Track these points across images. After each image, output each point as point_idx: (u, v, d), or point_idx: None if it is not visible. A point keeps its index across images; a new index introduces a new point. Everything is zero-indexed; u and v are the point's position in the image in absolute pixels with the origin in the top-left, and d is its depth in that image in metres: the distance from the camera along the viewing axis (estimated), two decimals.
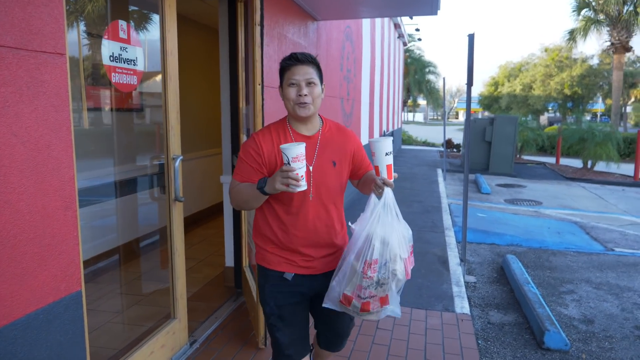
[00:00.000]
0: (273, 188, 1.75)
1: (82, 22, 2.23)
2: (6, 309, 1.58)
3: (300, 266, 2.03)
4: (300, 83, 1.90)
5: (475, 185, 10.86)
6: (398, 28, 17.72)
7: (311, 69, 1.93)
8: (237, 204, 1.99)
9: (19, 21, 1.54)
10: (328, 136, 2.03)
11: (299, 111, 1.92)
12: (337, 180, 2.02)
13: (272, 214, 2.02)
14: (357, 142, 2.13)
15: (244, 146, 2.00)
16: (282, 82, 1.98)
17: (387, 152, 1.81)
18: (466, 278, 4.73)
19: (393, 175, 1.85)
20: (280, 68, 1.97)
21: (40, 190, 1.67)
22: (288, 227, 1.99)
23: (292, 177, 1.68)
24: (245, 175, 1.95)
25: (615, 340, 3.56)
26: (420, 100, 38.54)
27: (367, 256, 1.81)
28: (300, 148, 1.69)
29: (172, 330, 2.91)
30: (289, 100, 1.93)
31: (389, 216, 1.85)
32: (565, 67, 28.33)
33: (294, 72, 1.91)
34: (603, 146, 13.02)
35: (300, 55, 1.93)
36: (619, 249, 6.06)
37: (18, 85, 1.55)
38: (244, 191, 1.92)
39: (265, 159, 1.94)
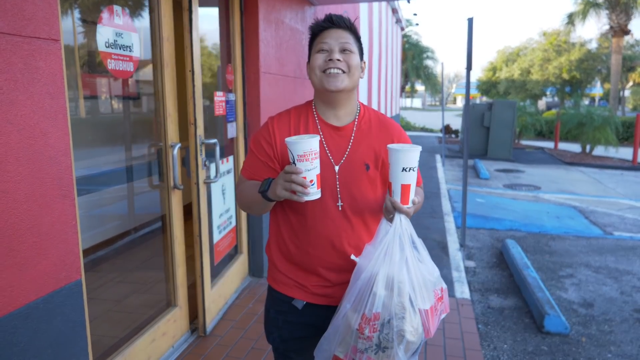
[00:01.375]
0: (274, 194, 1.38)
1: (76, 8, 2.19)
2: (6, 299, 1.57)
3: (315, 293, 1.60)
4: (333, 47, 1.48)
5: (474, 170, 10.87)
6: (395, 13, 17.58)
7: (348, 35, 1.51)
8: (242, 206, 1.65)
9: (11, 6, 1.51)
10: (365, 129, 1.57)
11: (327, 82, 1.47)
12: (369, 190, 1.55)
13: (286, 222, 1.61)
14: (403, 140, 1.63)
15: (255, 134, 1.61)
16: (310, 48, 1.55)
17: (406, 167, 1.35)
18: (466, 263, 4.74)
19: (411, 199, 1.40)
20: (311, 35, 1.56)
21: (38, 178, 1.65)
22: (302, 242, 1.57)
23: (298, 181, 1.31)
24: (253, 170, 1.58)
25: (615, 324, 3.58)
26: (418, 86, 38.38)
27: (365, 307, 1.34)
28: (309, 143, 1.30)
29: (174, 318, 2.91)
30: (314, 67, 1.49)
31: (403, 252, 1.38)
32: (563, 51, 28.18)
33: (325, 36, 1.50)
34: (602, 130, 13.02)
35: (335, 17, 1.51)
36: (617, 232, 6.08)
37: (12, 72, 1.52)
38: (248, 192, 1.56)
39: (278, 152, 1.53)
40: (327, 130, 1.55)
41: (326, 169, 1.50)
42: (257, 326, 3.24)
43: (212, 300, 3.24)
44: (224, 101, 3.43)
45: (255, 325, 3.25)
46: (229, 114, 3.55)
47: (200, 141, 2.99)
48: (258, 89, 3.78)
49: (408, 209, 1.40)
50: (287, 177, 1.33)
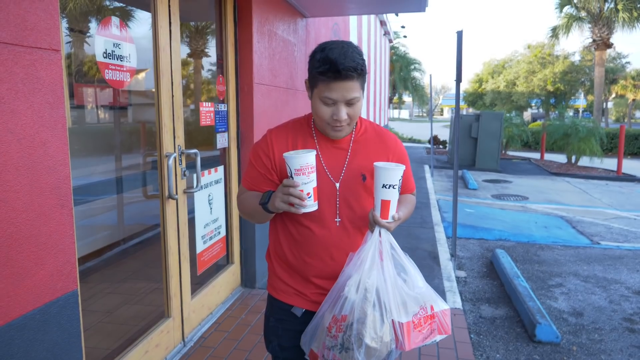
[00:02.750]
0: (273, 206, 1.45)
1: (72, 18, 2.19)
2: (3, 309, 1.55)
3: (313, 301, 1.63)
4: (339, 103, 1.45)
5: (463, 180, 10.96)
6: (384, 25, 17.78)
7: (356, 84, 1.44)
8: (243, 214, 1.69)
9: (14, 17, 1.52)
10: (362, 141, 1.60)
11: (332, 133, 1.52)
12: (364, 199, 1.59)
13: (284, 232, 1.65)
14: (399, 152, 1.66)
15: (254, 147, 1.65)
16: (312, 87, 1.51)
17: (386, 184, 1.40)
18: (457, 273, 4.77)
19: (391, 214, 1.45)
20: (311, 73, 1.49)
21: (37, 188, 1.64)
22: (299, 252, 1.61)
23: (295, 194, 1.37)
24: (252, 182, 1.63)
25: (605, 332, 3.62)
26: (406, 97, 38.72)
27: (336, 308, 1.42)
28: (306, 158, 1.35)
29: (167, 329, 2.89)
30: (321, 118, 1.50)
31: (374, 260, 1.43)
32: (548, 63, 28.72)
33: (331, 89, 1.43)
34: (586, 141, 13.21)
35: (342, 67, 1.39)
36: (604, 242, 6.17)
37: (14, 81, 1.53)
38: (248, 202, 1.61)
39: (276, 164, 1.57)
40: (324, 143, 1.58)
41: (325, 184, 1.55)
42: (251, 337, 3.23)
43: (193, 310, 3.21)
44: (212, 112, 3.44)
45: (248, 336, 3.24)
46: (218, 125, 3.56)
47: (179, 151, 2.95)
48: (252, 99, 3.80)
49: (387, 224, 1.45)
50: (285, 191, 1.39)
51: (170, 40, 2.81)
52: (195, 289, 3.30)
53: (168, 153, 2.78)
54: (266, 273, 4.19)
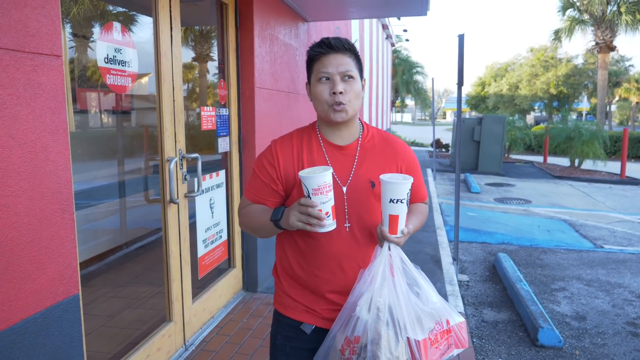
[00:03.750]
0: (288, 224, 1.40)
1: (76, 24, 2.21)
2: (4, 314, 1.56)
3: (325, 318, 1.57)
4: (334, 77, 1.47)
5: (465, 184, 10.95)
6: (386, 29, 17.81)
7: (348, 59, 1.49)
8: (246, 228, 1.63)
9: (15, 23, 1.53)
10: (369, 147, 1.58)
11: (333, 115, 1.48)
12: (373, 207, 1.54)
13: (291, 244, 1.60)
14: (409, 158, 1.63)
15: (258, 158, 1.61)
16: (310, 76, 1.55)
17: (394, 199, 1.36)
18: (459, 277, 4.76)
19: (400, 229, 1.41)
20: (308, 59, 1.54)
21: (38, 193, 1.65)
22: (308, 264, 1.56)
23: (314, 214, 1.33)
24: (257, 193, 1.57)
25: (608, 336, 3.61)
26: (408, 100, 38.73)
27: (348, 329, 1.37)
28: (323, 177, 1.32)
29: (168, 333, 2.89)
30: (320, 100, 1.49)
31: (385, 277, 1.38)
32: (550, 66, 28.68)
33: (325, 63, 1.48)
34: (590, 144, 13.19)
35: (333, 41, 1.48)
36: (608, 246, 6.15)
37: (15, 87, 1.54)
38: (254, 216, 1.56)
39: (281, 173, 1.53)
40: (331, 150, 1.55)
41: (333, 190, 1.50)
42: (252, 341, 3.23)
43: (194, 314, 3.21)
44: (213, 116, 3.45)
45: (250, 340, 3.24)
46: (220, 129, 3.57)
47: (181, 155, 2.96)
48: (253, 103, 3.81)
49: (397, 239, 1.41)
50: (302, 210, 1.35)
51: (172, 45, 2.82)
52: (197, 293, 3.31)
53: (169, 157, 2.79)
54: (268, 277, 4.20)
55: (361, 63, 1.55)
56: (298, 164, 1.53)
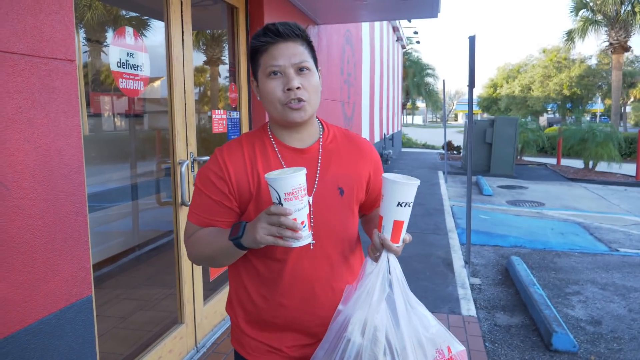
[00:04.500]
0: (254, 240, 1.13)
1: (89, 29, 2.24)
2: (19, 314, 1.58)
3: (293, 357, 1.35)
4: (287, 70, 1.24)
5: (477, 187, 10.87)
6: (396, 31, 17.79)
7: (301, 47, 1.27)
8: (197, 259, 1.35)
9: (30, 29, 1.55)
10: (332, 149, 1.36)
11: (291, 115, 1.25)
12: (347, 219, 1.35)
13: (249, 270, 1.34)
14: (375, 158, 1.45)
15: (201, 171, 1.33)
16: (255, 72, 1.30)
17: (402, 202, 1.19)
18: (471, 280, 4.73)
19: (403, 238, 1.23)
20: (252, 51, 1.29)
21: (52, 195, 1.68)
22: (272, 293, 1.31)
23: (288, 224, 1.09)
24: (205, 214, 1.30)
25: (624, 342, 3.56)
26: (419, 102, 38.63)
27: (337, 354, 1.18)
28: (297, 178, 1.10)
29: (180, 335, 2.91)
30: (272, 100, 1.25)
31: (383, 293, 1.19)
32: (563, 67, 28.40)
33: (274, 55, 1.24)
34: (604, 146, 13.03)
35: (282, 27, 1.25)
36: (623, 249, 6.06)
37: (31, 92, 1.56)
38: (206, 242, 1.28)
39: (233, 187, 1.28)
40: (288, 154, 1.32)
41: None
42: None
43: (205, 316, 3.22)
44: (224, 119, 3.47)
45: None
46: (231, 132, 3.59)
47: (192, 158, 2.98)
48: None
49: (398, 248, 1.23)
50: (272, 220, 1.10)
51: (183, 49, 2.84)
52: (208, 295, 3.32)
53: (181, 160, 2.82)
54: None
55: (315, 51, 1.34)
56: (252, 174, 1.29)
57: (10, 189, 1.52)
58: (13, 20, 1.50)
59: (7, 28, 1.48)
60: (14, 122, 1.52)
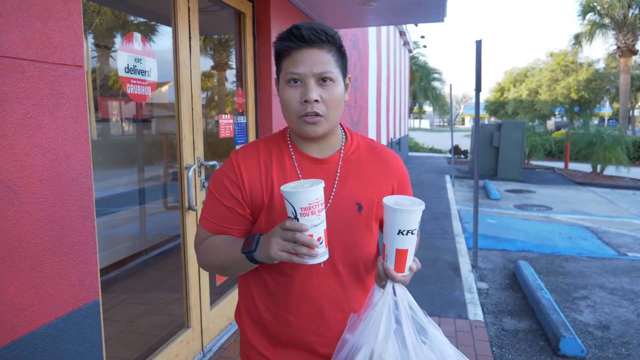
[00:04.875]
0: (268, 256, 1.08)
1: (98, 34, 2.27)
2: (27, 318, 1.59)
3: None
4: (307, 80, 1.15)
5: (484, 191, 10.83)
6: (403, 35, 17.79)
7: (326, 55, 1.17)
8: (208, 267, 1.28)
9: (39, 35, 1.57)
10: (354, 160, 1.28)
11: (305, 129, 1.19)
12: (364, 236, 1.26)
13: (258, 283, 1.29)
14: (401, 173, 1.34)
15: (215, 174, 1.28)
16: (278, 74, 1.24)
17: (403, 230, 1.10)
18: (478, 284, 4.71)
19: (408, 266, 1.15)
20: (276, 53, 1.21)
21: (60, 200, 1.69)
22: (279, 309, 1.26)
23: (304, 241, 1.03)
24: (217, 221, 1.25)
25: (633, 347, 3.52)
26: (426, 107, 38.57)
27: None
28: (315, 192, 1.05)
29: (186, 339, 2.91)
30: (288, 109, 1.19)
31: (390, 326, 1.11)
32: (571, 71, 28.27)
33: (295, 61, 1.16)
34: (612, 150, 12.95)
35: (307, 31, 1.14)
36: (632, 253, 6.01)
37: (39, 97, 1.58)
38: (219, 250, 1.23)
39: (246, 194, 1.22)
40: (306, 164, 1.25)
41: None
42: None
43: (212, 321, 3.23)
44: (231, 124, 3.48)
45: None
46: (238, 136, 3.60)
47: (199, 163, 2.99)
48: (270, 111, 3.85)
49: (403, 278, 1.14)
50: (287, 236, 1.04)
51: (190, 54, 2.86)
52: (215, 300, 3.33)
53: (188, 165, 2.83)
54: None
55: (345, 57, 1.24)
56: (266, 182, 1.22)
57: (19, 194, 1.53)
58: (22, 27, 1.52)
59: (16, 34, 1.50)
60: (22, 127, 1.53)
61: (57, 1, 1.65)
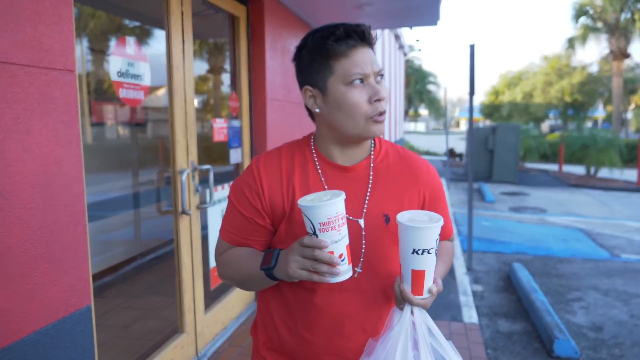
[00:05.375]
0: (287, 274, 1.02)
1: (90, 38, 2.26)
2: (17, 325, 1.58)
3: None
4: (370, 79, 1.10)
5: (479, 193, 10.86)
6: (398, 39, 17.84)
7: (373, 53, 1.15)
8: (228, 279, 1.23)
9: (30, 39, 1.57)
10: (382, 168, 1.20)
11: (374, 129, 1.11)
12: (388, 250, 1.17)
13: (276, 293, 1.22)
14: (433, 183, 1.24)
15: (236, 182, 1.21)
16: (323, 78, 1.12)
17: (418, 249, 1.01)
18: (473, 287, 4.71)
19: (427, 288, 1.06)
20: (324, 52, 1.10)
21: (51, 206, 1.68)
22: (298, 325, 1.18)
23: (324, 258, 0.97)
24: (237, 232, 1.19)
25: (626, 347, 3.53)
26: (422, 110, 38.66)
27: None
28: (335, 205, 0.97)
29: (181, 344, 2.90)
30: (355, 112, 1.09)
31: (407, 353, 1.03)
32: (565, 74, 28.40)
33: (357, 61, 1.08)
34: (605, 152, 13.04)
35: (365, 30, 1.11)
36: (625, 255, 6.04)
37: (29, 102, 1.57)
38: (238, 264, 1.17)
39: (266, 203, 1.15)
40: (331, 172, 1.17)
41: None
42: None
43: (206, 325, 3.21)
44: (225, 127, 3.48)
45: None
46: (232, 140, 3.59)
47: (193, 167, 2.98)
48: (265, 115, 3.84)
49: (422, 301, 1.06)
50: (306, 253, 0.98)
51: (184, 58, 2.86)
52: (209, 304, 3.31)
53: (181, 169, 2.82)
54: None
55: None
56: (288, 191, 1.15)
57: (9, 199, 1.52)
58: (12, 31, 1.51)
59: (6, 39, 1.49)
60: (12, 132, 1.52)
61: (48, 6, 1.64)
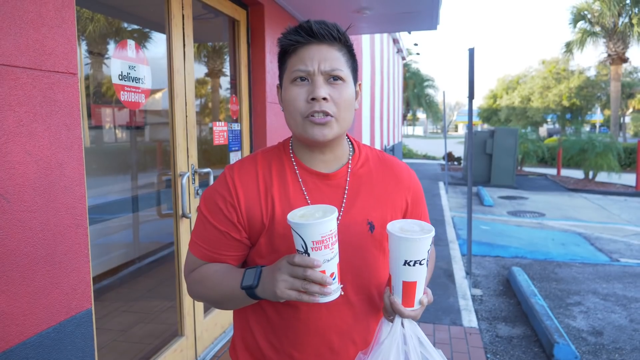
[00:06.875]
0: (273, 294, 0.95)
1: (92, 41, 2.26)
2: (19, 328, 1.58)
3: None
4: (315, 77, 1.03)
5: (478, 197, 10.86)
6: (397, 43, 17.90)
7: (337, 53, 1.05)
8: (200, 298, 1.15)
9: (33, 42, 1.57)
10: (363, 175, 1.15)
11: (312, 131, 1.04)
12: (377, 259, 1.13)
13: (258, 314, 1.14)
14: (414, 186, 1.21)
15: (207, 192, 1.13)
16: (281, 75, 1.11)
17: (409, 260, 0.98)
18: (472, 291, 4.71)
19: (418, 300, 1.03)
20: (280, 51, 1.09)
21: (53, 208, 1.68)
22: (282, 343, 1.12)
23: (315, 279, 0.91)
24: (210, 247, 1.10)
25: (626, 352, 3.53)
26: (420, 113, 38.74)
27: None
28: (328, 223, 0.92)
29: (180, 347, 2.89)
30: (292, 110, 1.05)
31: None
32: (563, 79, 28.52)
33: (302, 57, 1.04)
34: (604, 157, 13.05)
35: (317, 26, 1.03)
36: (624, 259, 6.04)
37: (32, 104, 1.57)
38: (213, 282, 1.08)
39: (243, 216, 1.08)
40: (311, 179, 1.11)
41: None
42: None
43: (206, 329, 3.21)
44: (225, 131, 3.48)
45: None
46: (232, 144, 3.60)
47: (193, 170, 2.99)
48: (265, 118, 3.85)
49: (412, 312, 1.02)
50: (297, 273, 0.92)
51: (184, 61, 2.86)
52: (208, 308, 3.31)
53: (182, 172, 2.82)
54: None
55: (356, 61, 1.13)
56: (267, 203, 1.08)
57: (11, 202, 1.52)
58: (15, 34, 1.51)
59: (9, 42, 1.49)
60: (15, 135, 1.52)
61: (51, 8, 1.65)
